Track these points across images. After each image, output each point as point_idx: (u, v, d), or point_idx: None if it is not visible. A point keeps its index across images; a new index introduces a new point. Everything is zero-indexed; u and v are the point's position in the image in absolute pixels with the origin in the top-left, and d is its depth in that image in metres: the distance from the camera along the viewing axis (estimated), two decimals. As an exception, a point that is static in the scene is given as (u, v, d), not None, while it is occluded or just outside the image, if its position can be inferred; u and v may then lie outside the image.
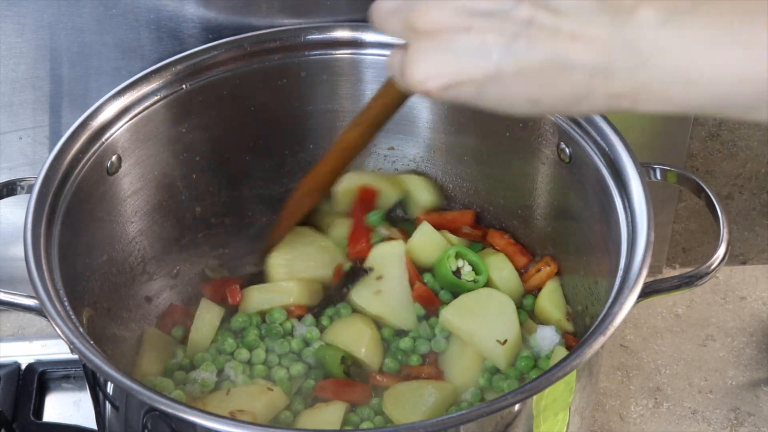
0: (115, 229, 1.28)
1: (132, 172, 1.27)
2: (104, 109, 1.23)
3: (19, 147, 1.39)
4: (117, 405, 1.08)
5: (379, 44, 1.30)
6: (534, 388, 0.98)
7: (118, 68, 1.34)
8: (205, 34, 1.32)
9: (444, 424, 0.98)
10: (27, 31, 1.30)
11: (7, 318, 1.51)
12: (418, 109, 1.35)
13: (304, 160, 1.40)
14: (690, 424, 1.40)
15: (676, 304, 1.54)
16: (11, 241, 1.46)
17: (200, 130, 1.32)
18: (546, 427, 1.06)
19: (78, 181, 1.18)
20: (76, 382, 1.42)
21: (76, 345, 1.02)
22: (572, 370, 0.99)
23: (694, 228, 1.56)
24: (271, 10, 1.32)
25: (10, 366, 1.41)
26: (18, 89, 1.35)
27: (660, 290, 1.12)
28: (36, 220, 1.12)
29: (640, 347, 1.49)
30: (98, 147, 1.21)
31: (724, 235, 1.14)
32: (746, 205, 1.54)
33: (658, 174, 1.20)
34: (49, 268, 1.08)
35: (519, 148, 1.29)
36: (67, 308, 1.06)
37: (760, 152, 1.49)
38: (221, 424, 0.97)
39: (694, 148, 1.48)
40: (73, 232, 1.17)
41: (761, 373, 1.46)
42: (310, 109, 1.35)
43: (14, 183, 1.19)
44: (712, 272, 1.12)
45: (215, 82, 1.30)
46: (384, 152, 1.40)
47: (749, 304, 1.55)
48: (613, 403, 1.43)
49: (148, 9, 1.30)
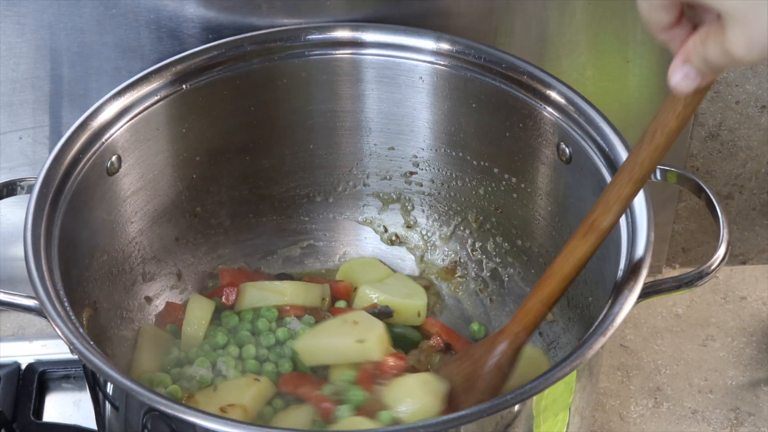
0: (115, 229, 1.28)
1: (132, 172, 1.27)
2: (104, 109, 1.23)
3: (19, 147, 1.39)
4: (117, 405, 1.08)
5: (379, 44, 1.30)
6: (533, 388, 0.98)
7: (118, 68, 1.34)
8: (206, 34, 1.32)
9: (444, 425, 0.98)
10: (27, 31, 1.30)
11: (7, 318, 1.51)
12: (419, 109, 1.35)
13: (304, 160, 1.40)
14: (690, 424, 1.40)
15: (676, 304, 1.54)
16: (11, 241, 1.46)
17: (200, 130, 1.32)
18: (546, 428, 1.06)
19: (78, 182, 1.18)
20: (76, 382, 1.42)
21: (76, 345, 1.02)
22: (572, 370, 0.99)
23: (694, 228, 1.56)
24: (271, 10, 1.32)
25: (10, 366, 1.41)
26: (18, 89, 1.35)
27: (660, 291, 1.12)
28: (36, 221, 1.12)
29: (640, 347, 1.49)
30: (98, 147, 1.21)
31: (724, 236, 1.14)
32: (746, 205, 1.54)
33: (658, 174, 1.20)
34: (48, 269, 1.08)
35: (519, 148, 1.29)
36: (67, 308, 1.06)
37: (760, 152, 1.49)
38: (220, 424, 0.97)
39: (694, 148, 1.48)
40: (73, 233, 1.17)
41: (761, 373, 1.46)
42: (311, 109, 1.35)
43: (14, 183, 1.19)
44: (712, 273, 1.12)
45: (215, 82, 1.29)
46: (384, 152, 1.40)
47: (749, 304, 1.55)
48: (613, 403, 1.43)
49: (148, 9, 1.30)
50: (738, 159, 1.49)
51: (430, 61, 1.30)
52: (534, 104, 1.25)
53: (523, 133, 1.28)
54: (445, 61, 1.29)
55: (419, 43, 1.30)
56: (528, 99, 1.25)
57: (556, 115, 1.23)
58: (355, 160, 1.41)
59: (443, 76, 1.30)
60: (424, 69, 1.30)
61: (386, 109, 1.36)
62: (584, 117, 1.21)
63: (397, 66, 1.31)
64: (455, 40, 1.29)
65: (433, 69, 1.30)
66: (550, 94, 1.24)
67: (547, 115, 1.24)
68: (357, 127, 1.38)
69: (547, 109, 1.24)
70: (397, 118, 1.36)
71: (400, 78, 1.32)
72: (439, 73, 1.30)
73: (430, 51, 1.29)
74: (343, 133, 1.38)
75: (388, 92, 1.34)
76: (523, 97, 1.26)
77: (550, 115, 1.24)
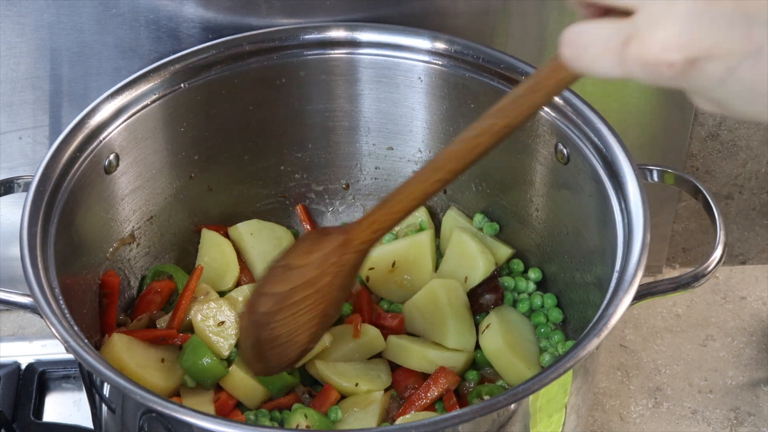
0: (113, 228, 1.28)
1: (130, 171, 1.27)
2: (102, 108, 1.23)
3: (19, 147, 1.39)
4: (113, 407, 1.08)
5: (375, 44, 1.30)
6: (528, 389, 0.99)
7: (118, 68, 1.34)
8: (205, 34, 1.32)
9: (440, 425, 0.98)
10: (27, 31, 1.31)
11: (7, 318, 1.51)
12: (417, 109, 1.35)
13: (303, 160, 1.40)
14: (690, 424, 1.40)
15: (676, 304, 1.54)
16: (11, 241, 1.44)
17: (198, 129, 1.32)
18: (542, 427, 1.06)
19: (75, 180, 1.18)
20: (76, 382, 1.42)
21: (71, 344, 1.02)
22: (566, 371, 0.99)
23: (694, 228, 1.56)
24: (270, 10, 1.32)
25: (10, 366, 1.41)
26: (18, 89, 1.35)
27: (656, 292, 1.12)
28: (32, 219, 1.12)
29: (640, 347, 1.49)
30: (96, 146, 1.22)
31: (720, 237, 1.14)
32: (746, 205, 1.54)
33: (656, 176, 1.20)
34: (45, 267, 1.09)
35: (517, 149, 1.29)
36: (63, 307, 1.06)
37: (760, 152, 1.48)
38: (217, 424, 0.97)
39: (694, 148, 1.48)
40: (70, 231, 1.17)
41: (761, 373, 1.45)
42: (309, 108, 1.35)
43: (11, 181, 1.20)
44: (708, 274, 1.12)
45: (213, 81, 1.30)
46: (383, 152, 1.40)
47: (749, 304, 1.54)
48: (613, 403, 1.43)
49: (147, 9, 1.30)
50: (738, 159, 1.49)
51: (426, 61, 1.30)
52: (532, 104, 1.25)
53: (521, 133, 1.27)
54: (443, 61, 1.29)
55: (415, 43, 1.30)
56: (526, 99, 1.25)
57: (553, 116, 1.23)
58: (353, 159, 1.41)
59: (441, 76, 1.30)
60: (422, 69, 1.30)
61: (385, 109, 1.36)
62: (582, 118, 1.21)
63: (395, 66, 1.31)
64: (453, 40, 1.29)
65: (431, 69, 1.30)
66: (547, 95, 1.24)
67: (544, 115, 1.24)
68: (355, 127, 1.38)
69: (545, 110, 1.23)
70: (395, 118, 1.36)
71: (399, 78, 1.32)
72: (437, 73, 1.30)
73: (427, 51, 1.29)
74: (342, 132, 1.39)
75: (386, 92, 1.34)
76: (521, 97, 1.25)
77: (547, 115, 1.24)
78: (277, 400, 1.26)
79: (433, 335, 1.29)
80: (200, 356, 1.23)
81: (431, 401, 1.24)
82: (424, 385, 1.25)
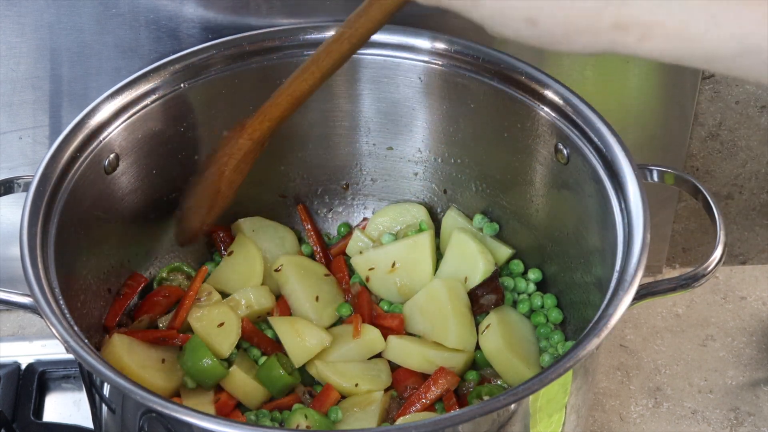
0: (113, 228, 1.28)
1: (130, 171, 1.27)
2: (102, 108, 1.23)
3: (19, 147, 1.39)
4: (113, 407, 1.08)
5: (375, 44, 1.30)
6: (528, 389, 0.99)
7: (118, 68, 1.34)
8: (205, 34, 1.32)
9: (440, 425, 0.98)
10: (27, 31, 1.31)
11: (7, 318, 1.51)
12: (417, 109, 1.35)
13: (303, 159, 1.40)
14: (690, 424, 1.40)
15: (676, 304, 1.54)
16: (11, 241, 1.44)
17: (198, 129, 1.32)
18: (542, 427, 1.06)
19: (75, 180, 1.18)
20: (76, 382, 1.42)
21: (71, 344, 1.02)
22: (566, 371, 0.99)
23: (694, 228, 1.56)
24: (270, 10, 1.32)
25: (10, 366, 1.41)
26: (18, 89, 1.35)
27: (655, 293, 1.12)
28: (32, 219, 1.12)
29: (640, 347, 1.49)
30: (96, 146, 1.22)
31: (720, 238, 1.14)
32: (746, 205, 1.54)
33: (656, 176, 1.20)
34: (44, 267, 1.09)
35: (516, 149, 1.29)
36: (62, 307, 1.06)
37: (760, 152, 1.48)
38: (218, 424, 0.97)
39: (694, 148, 1.47)
40: (70, 231, 1.17)
41: (761, 373, 1.45)
42: (309, 108, 1.35)
43: (11, 181, 1.20)
44: (708, 274, 1.12)
45: (213, 81, 1.30)
46: (383, 152, 1.40)
47: (749, 304, 1.54)
48: (613, 403, 1.43)
49: (147, 9, 1.30)
50: (738, 159, 1.49)
51: (426, 61, 1.30)
52: (532, 105, 1.25)
53: (521, 133, 1.28)
54: (443, 61, 1.29)
55: (415, 43, 1.30)
56: (526, 99, 1.25)
57: (553, 116, 1.23)
58: (353, 159, 1.41)
59: (441, 76, 1.30)
60: (421, 69, 1.30)
61: (384, 109, 1.36)
62: (581, 118, 1.21)
63: (395, 66, 1.31)
64: (452, 40, 1.29)
65: (431, 69, 1.30)
66: (547, 95, 1.24)
67: (544, 115, 1.24)
68: (355, 127, 1.38)
69: (545, 110, 1.24)
70: (395, 118, 1.36)
71: (398, 78, 1.32)
72: (437, 74, 1.30)
73: (427, 51, 1.29)
74: (342, 132, 1.39)
75: (386, 92, 1.34)
76: (520, 97, 1.25)
77: (547, 115, 1.24)
78: (277, 400, 1.26)
79: (434, 335, 1.29)
80: (200, 357, 1.23)
81: (431, 401, 1.24)
82: (424, 385, 1.25)
